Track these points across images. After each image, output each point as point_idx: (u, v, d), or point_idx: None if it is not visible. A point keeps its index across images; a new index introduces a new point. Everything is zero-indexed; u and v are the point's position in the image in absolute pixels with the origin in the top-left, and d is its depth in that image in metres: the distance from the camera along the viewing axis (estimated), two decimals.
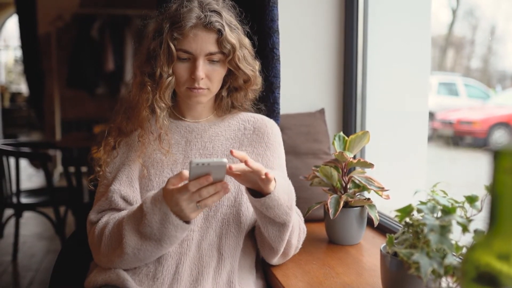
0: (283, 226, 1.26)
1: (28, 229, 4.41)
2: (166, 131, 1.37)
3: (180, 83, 1.35)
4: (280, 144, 1.48)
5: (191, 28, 1.30)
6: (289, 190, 1.25)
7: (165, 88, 1.35)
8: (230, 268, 1.32)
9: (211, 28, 1.31)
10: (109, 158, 1.38)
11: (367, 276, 1.33)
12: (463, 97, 8.42)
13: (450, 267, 0.97)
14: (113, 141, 1.39)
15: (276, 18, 1.60)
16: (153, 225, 1.16)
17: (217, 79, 1.36)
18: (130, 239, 1.20)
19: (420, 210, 1.05)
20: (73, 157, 3.97)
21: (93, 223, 1.33)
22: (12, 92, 12.27)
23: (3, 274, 3.44)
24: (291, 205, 1.24)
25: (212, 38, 1.31)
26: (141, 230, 1.18)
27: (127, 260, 1.23)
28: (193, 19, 1.30)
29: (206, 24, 1.31)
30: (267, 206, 1.20)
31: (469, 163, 5.58)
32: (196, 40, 1.30)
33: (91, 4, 6.11)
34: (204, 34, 1.31)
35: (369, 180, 1.52)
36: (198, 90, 1.33)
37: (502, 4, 8.40)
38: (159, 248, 1.21)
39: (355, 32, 1.95)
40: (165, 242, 1.19)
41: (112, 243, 1.24)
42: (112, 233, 1.25)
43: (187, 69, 1.33)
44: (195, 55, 1.32)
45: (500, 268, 0.62)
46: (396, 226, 1.64)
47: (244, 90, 1.44)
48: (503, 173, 0.62)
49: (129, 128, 1.39)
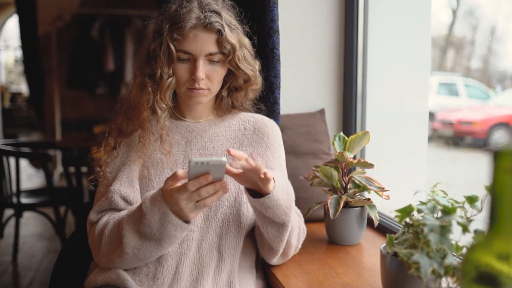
0: (282, 226, 1.26)
1: (28, 229, 4.41)
2: (167, 132, 1.37)
3: (180, 83, 1.35)
4: (280, 144, 1.48)
5: (191, 28, 1.30)
6: (288, 190, 1.25)
7: (165, 89, 1.34)
8: (230, 268, 1.32)
9: (211, 29, 1.31)
10: (109, 159, 1.38)
11: (367, 276, 1.33)
12: (463, 98, 8.42)
13: (450, 267, 0.97)
14: (113, 141, 1.39)
15: (276, 18, 1.60)
16: (152, 225, 1.16)
17: (217, 79, 1.36)
18: (130, 239, 1.19)
19: (420, 210, 1.05)
20: (73, 157, 3.97)
21: (93, 223, 1.33)
22: (12, 92, 12.28)
23: (3, 274, 3.44)
24: (290, 205, 1.24)
25: (212, 39, 1.31)
26: (140, 230, 1.18)
27: (127, 260, 1.23)
28: (193, 20, 1.30)
29: (206, 25, 1.31)
30: (266, 206, 1.20)
31: (469, 163, 5.58)
32: (196, 40, 1.30)
33: (91, 4, 6.11)
34: (204, 35, 1.31)
35: (369, 180, 1.52)
36: (199, 90, 1.33)
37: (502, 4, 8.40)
38: (159, 248, 1.20)
39: (355, 32, 1.95)
40: (164, 242, 1.19)
41: (112, 243, 1.24)
42: (112, 233, 1.25)
43: (187, 69, 1.33)
44: (195, 56, 1.31)
45: (500, 268, 0.62)
46: (396, 226, 1.64)
47: (244, 90, 1.44)
48: (503, 173, 0.62)
49: (129, 129, 1.39)
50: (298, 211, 1.44)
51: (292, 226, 1.30)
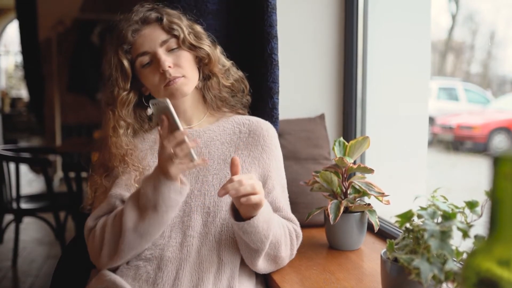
0: (255, 251, 1.28)
1: (28, 234, 4.40)
2: (131, 148, 1.36)
3: (156, 87, 1.36)
4: (277, 146, 1.48)
5: (133, 32, 1.35)
6: (269, 219, 1.26)
7: (122, 105, 1.36)
8: (230, 273, 1.32)
9: (150, 22, 1.36)
10: (99, 190, 1.38)
11: (368, 282, 1.33)
12: (463, 102, 8.42)
13: (450, 273, 0.97)
14: (99, 179, 1.38)
15: (274, 23, 1.60)
16: (148, 193, 1.20)
17: (187, 63, 1.37)
18: (129, 214, 1.22)
19: (421, 216, 1.04)
20: (73, 162, 3.97)
21: (91, 228, 1.32)
22: (13, 97, 12.29)
23: (3, 280, 3.43)
24: (269, 234, 1.25)
25: (157, 29, 1.36)
26: (139, 204, 1.22)
27: (128, 239, 1.23)
28: (132, 25, 1.35)
29: (143, 21, 1.36)
30: (244, 230, 1.22)
31: (469, 168, 5.58)
32: (144, 37, 1.35)
33: (92, 9, 6.13)
34: (147, 29, 1.36)
35: (369, 185, 1.52)
36: (174, 80, 1.33)
37: (501, 9, 8.42)
38: (156, 216, 1.21)
39: (355, 37, 1.95)
40: (160, 206, 1.20)
41: (115, 228, 1.25)
42: (114, 221, 1.26)
43: (154, 69, 1.35)
44: (152, 51, 1.34)
45: (500, 274, 0.62)
46: (396, 232, 1.64)
47: (214, 75, 1.44)
48: (503, 179, 0.62)
49: (111, 164, 1.37)
50: (293, 217, 1.44)
51: (278, 242, 1.31)
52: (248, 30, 1.66)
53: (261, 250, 1.27)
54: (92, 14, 6.11)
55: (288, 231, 1.38)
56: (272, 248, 1.32)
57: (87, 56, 6.04)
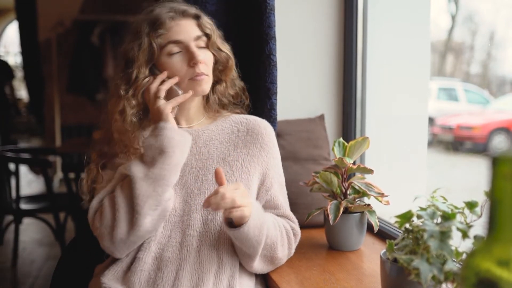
0: (248, 256, 1.30)
1: (28, 235, 4.40)
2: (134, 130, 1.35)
3: (181, 76, 1.35)
4: (275, 144, 1.49)
5: (170, 19, 1.36)
6: (261, 224, 1.26)
7: (139, 90, 1.35)
8: (230, 273, 1.32)
9: (188, 15, 1.38)
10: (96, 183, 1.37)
11: (367, 282, 1.33)
12: (462, 103, 8.43)
13: (450, 273, 0.97)
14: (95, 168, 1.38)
15: (273, 24, 1.61)
16: (151, 143, 1.26)
17: (210, 64, 1.40)
18: (136, 169, 1.25)
19: (420, 216, 1.05)
20: (73, 163, 3.97)
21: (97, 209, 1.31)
22: None
23: (3, 281, 3.43)
24: (261, 240, 1.26)
25: (193, 23, 1.38)
26: (144, 159, 1.26)
27: (142, 188, 1.22)
28: (170, 12, 1.37)
29: (182, 12, 1.37)
30: (235, 237, 1.25)
31: (469, 169, 5.59)
32: (180, 28, 1.35)
33: (92, 10, 6.12)
34: (184, 21, 1.37)
35: (369, 186, 1.52)
36: (201, 76, 1.35)
37: (501, 9, 8.42)
38: (164, 158, 1.24)
39: (355, 38, 1.95)
40: (165, 147, 1.24)
41: (124, 190, 1.25)
42: (122, 188, 1.27)
43: (183, 60, 1.35)
44: (185, 43, 1.35)
45: (500, 274, 0.62)
46: (396, 232, 1.64)
47: (224, 81, 1.46)
48: (503, 179, 0.62)
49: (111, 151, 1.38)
50: (290, 214, 1.45)
51: (274, 243, 1.32)
52: (246, 31, 1.66)
53: (253, 255, 1.29)
54: (92, 15, 6.10)
55: (285, 230, 1.39)
56: (268, 250, 1.33)
57: (87, 57, 6.03)
